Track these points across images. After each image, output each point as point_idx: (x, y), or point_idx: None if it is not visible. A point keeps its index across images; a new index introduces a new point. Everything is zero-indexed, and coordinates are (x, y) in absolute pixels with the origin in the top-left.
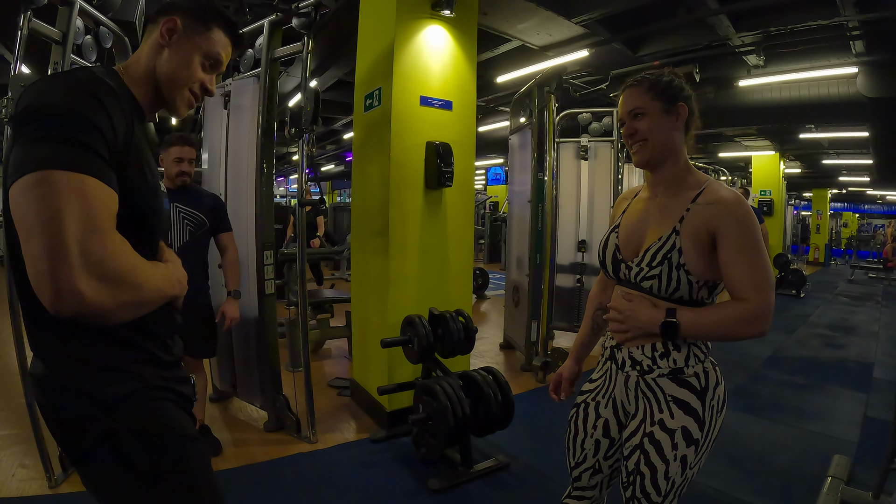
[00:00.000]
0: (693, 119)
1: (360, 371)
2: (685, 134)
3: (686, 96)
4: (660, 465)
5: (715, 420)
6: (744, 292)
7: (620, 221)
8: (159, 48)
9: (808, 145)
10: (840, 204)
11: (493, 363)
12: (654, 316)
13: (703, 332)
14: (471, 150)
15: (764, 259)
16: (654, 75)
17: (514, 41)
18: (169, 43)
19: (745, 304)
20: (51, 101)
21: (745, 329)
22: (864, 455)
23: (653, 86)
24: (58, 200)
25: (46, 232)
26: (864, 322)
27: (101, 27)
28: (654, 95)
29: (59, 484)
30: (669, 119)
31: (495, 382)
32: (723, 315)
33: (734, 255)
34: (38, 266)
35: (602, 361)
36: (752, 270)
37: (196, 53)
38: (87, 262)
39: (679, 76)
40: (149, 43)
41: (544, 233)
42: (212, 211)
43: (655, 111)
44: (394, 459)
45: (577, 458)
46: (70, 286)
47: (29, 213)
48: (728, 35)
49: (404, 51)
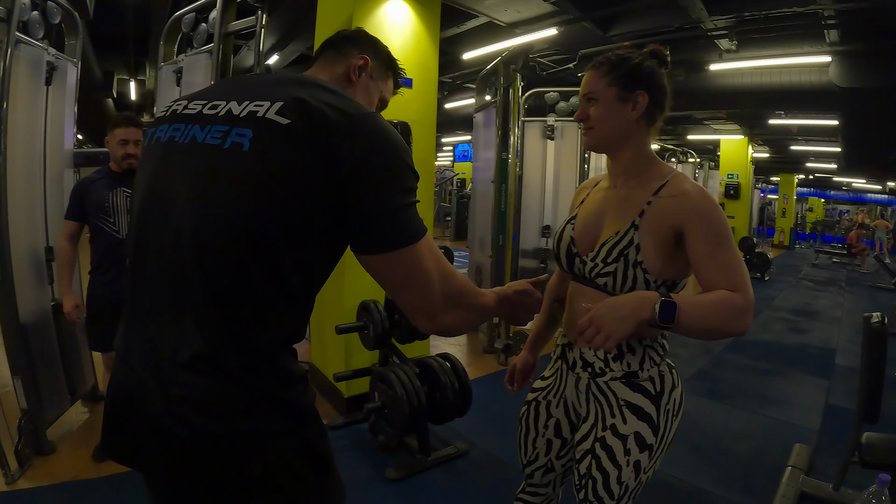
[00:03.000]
0: (659, 109)
1: (318, 355)
2: (650, 123)
3: (651, 83)
4: (612, 471)
5: (670, 424)
6: (728, 285)
7: (577, 212)
8: (346, 82)
9: (777, 131)
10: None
11: (455, 345)
12: (644, 297)
13: (698, 320)
14: (431, 129)
15: (738, 254)
16: (619, 57)
17: (481, 17)
18: (358, 80)
19: (737, 294)
20: (409, 155)
21: (737, 321)
22: (825, 444)
23: (612, 69)
24: (435, 255)
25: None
26: (827, 307)
27: (48, 2)
28: (610, 81)
29: (15, 480)
30: (623, 108)
31: (452, 370)
32: (720, 301)
33: (707, 249)
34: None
35: (553, 359)
36: (730, 263)
37: (377, 96)
38: (447, 300)
39: (649, 60)
40: (336, 71)
41: (507, 214)
42: None
43: (609, 98)
44: (352, 447)
45: (528, 456)
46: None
47: (412, 270)
48: (701, 18)
49: (363, 25)
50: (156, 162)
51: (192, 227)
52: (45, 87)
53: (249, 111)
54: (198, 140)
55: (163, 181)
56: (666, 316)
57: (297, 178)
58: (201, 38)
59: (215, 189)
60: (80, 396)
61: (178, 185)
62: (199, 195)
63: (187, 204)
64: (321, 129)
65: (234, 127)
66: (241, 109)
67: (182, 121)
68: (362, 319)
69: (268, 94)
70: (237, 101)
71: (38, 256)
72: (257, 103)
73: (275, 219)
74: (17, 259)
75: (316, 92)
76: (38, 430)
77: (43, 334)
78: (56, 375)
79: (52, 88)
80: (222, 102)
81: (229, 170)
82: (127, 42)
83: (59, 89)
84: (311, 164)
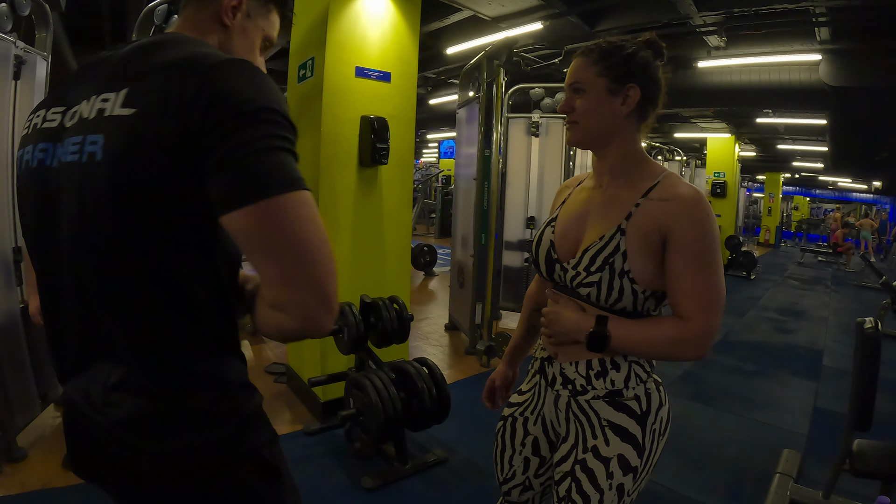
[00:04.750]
0: (651, 104)
1: (295, 358)
2: (641, 119)
3: (644, 76)
4: (593, 494)
5: (657, 444)
6: (688, 311)
7: (558, 214)
8: (220, 26)
9: (764, 130)
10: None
11: (437, 345)
12: (580, 323)
13: (635, 349)
14: (410, 124)
15: (718, 274)
16: (611, 45)
17: (465, 10)
18: (233, 23)
19: (688, 324)
20: (280, 102)
21: (682, 352)
22: (814, 449)
23: (603, 58)
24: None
25: (314, 259)
26: (813, 307)
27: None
28: (600, 70)
29: None
30: (613, 101)
31: (430, 376)
32: (661, 333)
33: (684, 264)
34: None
35: (531, 373)
36: (703, 287)
37: (259, 36)
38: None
39: (644, 51)
40: (203, 16)
41: (490, 212)
42: None
43: (598, 89)
44: (327, 454)
45: (505, 474)
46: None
47: (296, 234)
48: (690, 14)
49: (339, 17)
50: (32, 198)
51: (79, 262)
52: (14, 82)
53: (98, 109)
54: (63, 160)
55: (43, 217)
56: (593, 347)
57: (160, 180)
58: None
59: (86, 213)
60: (51, 401)
61: (57, 217)
62: (76, 225)
63: (70, 236)
64: (172, 107)
65: (86, 135)
66: (91, 109)
67: (45, 138)
68: (337, 323)
69: (116, 79)
70: (87, 98)
71: (5, 257)
72: (104, 96)
73: (148, 229)
74: None
75: (169, 54)
76: (7, 436)
77: (11, 338)
78: (26, 380)
79: (21, 83)
80: (77, 105)
81: (91, 188)
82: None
83: (27, 83)
84: (169, 157)
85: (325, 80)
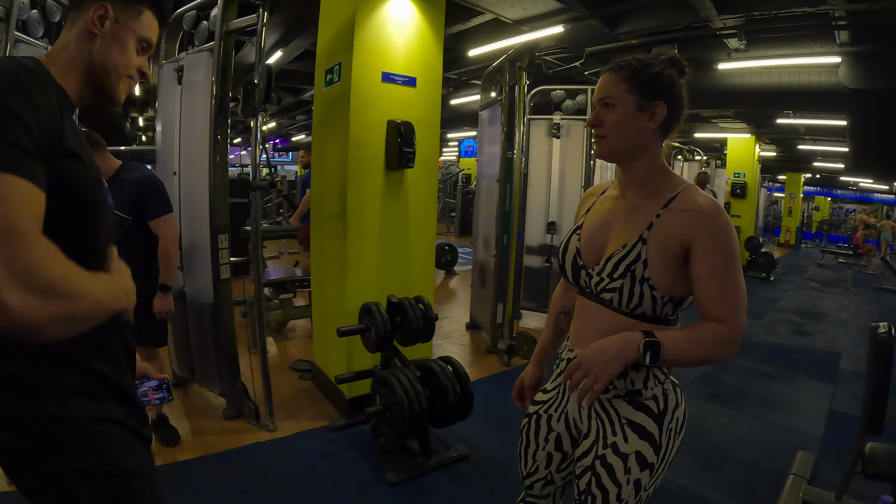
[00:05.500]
0: (676, 120)
1: (321, 355)
2: (665, 134)
3: (671, 94)
4: (612, 488)
5: (673, 442)
6: (719, 313)
7: (583, 222)
8: (90, 36)
9: (784, 130)
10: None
11: (458, 344)
12: (627, 338)
13: (682, 355)
14: (435, 129)
15: (740, 277)
16: (640, 63)
17: (487, 14)
18: (102, 31)
19: (724, 325)
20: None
21: (722, 352)
22: (828, 451)
23: (633, 75)
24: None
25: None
26: (832, 309)
27: (47, 1)
28: (630, 87)
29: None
30: (641, 117)
31: (454, 374)
32: (702, 335)
33: (711, 270)
34: None
35: (557, 373)
36: (729, 290)
37: (131, 39)
38: (12, 272)
39: (670, 69)
40: (75, 30)
41: (511, 214)
42: (133, 201)
43: (627, 105)
44: (353, 449)
45: (528, 468)
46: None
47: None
48: (710, 17)
49: (366, 24)
50: None
51: None
52: None
53: None
54: None
55: None
56: (653, 357)
57: None
58: (202, 36)
59: None
60: None
61: None
62: None
63: None
64: None
65: None
66: None
67: None
68: (364, 322)
69: None
70: None
71: None
72: None
73: None
74: None
75: None
76: None
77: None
78: None
79: None
80: None
81: None
82: None
83: None
84: None
85: (352, 85)
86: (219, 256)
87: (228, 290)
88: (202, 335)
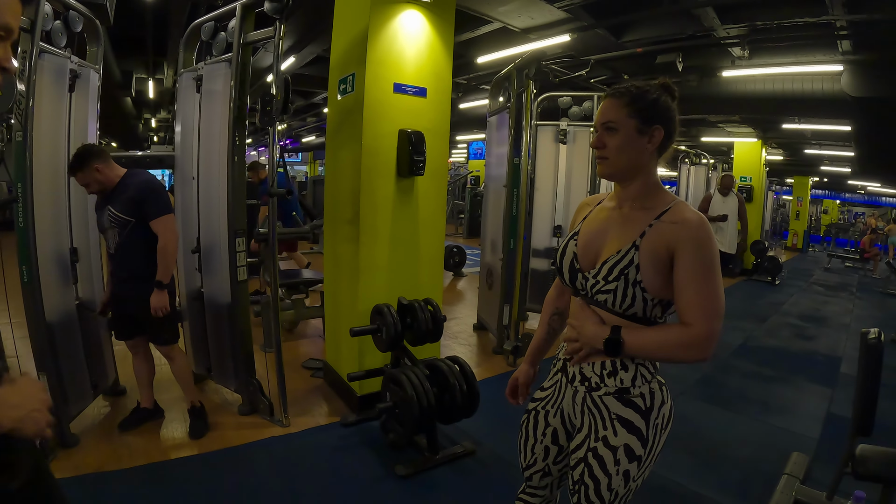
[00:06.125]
0: (670, 141)
1: (333, 354)
2: (661, 153)
3: (667, 118)
4: (602, 478)
5: (659, 437)
6: (691, 317)
7: (580, 229)
8: None
9: (790, 135)
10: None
11: (466, 344)
12: (598, 332)
13: (645, 352)
14: (444, 137)
15: (717, 286)
16: (639, 90)
17: (495, 23)
18: None
19: (690, 329)
20: None
21: (686, 353)
22: (823, 453)
23: (633, 101)
24: None
25: None
26: (836, 313)
27: (70, 11)
28: (631, 112)
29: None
30: (640, 140)
31: (461, 373)
32: (667, 337)
33: (688, 277)
34: None
35: (554, 371)
36: (703, 296)
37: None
38: None
39: (664, 95)
40: None
41: (518, 218)
42: (136, 204)
43: (629, 129)
44: (363, 444)
45: (527, 461)
46: None
47: None
48: (713, 26)
49: (379, 36)
50: None
51: None
52: (69, 94)
53: None
54: None
55: None
56: (610, 352)
57: None
58: (220, 47)
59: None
60: (101, 391)
61: None
62: None
63: None
64: None
65: None
66: None
67: None
68: (376, 322)
69: None
70: None
71: (63, 257)
72: None
73: None
74: (43, 259)
75: None
76: (62, 423)
77: (67, 332)
78: (79, 372)
79: (76, 95)
80: None
81: None
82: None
83: (81, 95)
84: None
85: (365, 95)
86: (236, 258)
87: (245, 291)
88: (219, 334)
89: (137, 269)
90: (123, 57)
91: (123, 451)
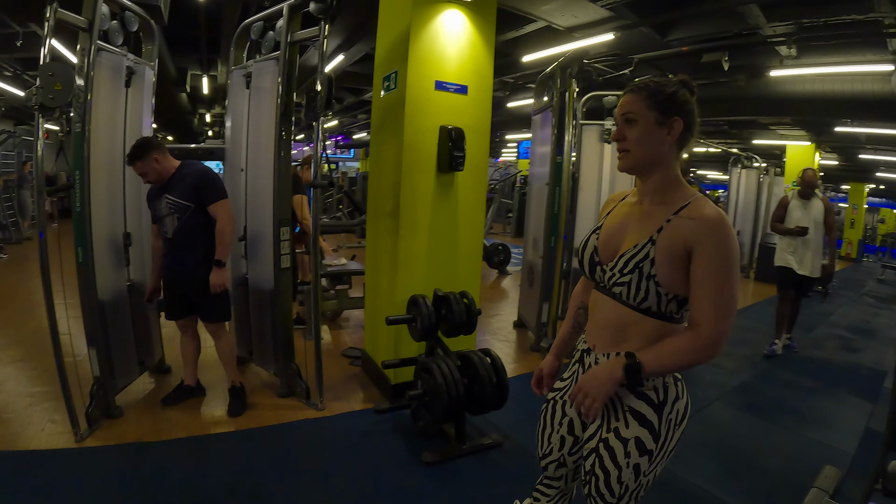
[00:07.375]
0: (690, 134)
1: (371, 343)
2: (679, 148)
3: (686, 111)
4: (612, 470)
5: (672, 433)
6: (701, 316)
7: (603, 223)
8: None
9: (844, 138)
10: (879, 199)
11: (504, 341)
12: (612, 365)
13: (664, 367)
14: (485, 134)
15: (732, 285)
16: (657, 84)
17: (539, 21)
18: None
19: (699, 331)
20: None
21: (699, 357)
22: (858, 468)
23: (652, 94)
24: None
25: None
26: (885, 326)
27: (126, 11)
28: (650, 104)
29: (84, 438)
30: (660, 131)
31: (492, 365)
32: (680, 345)
33: (703, 275)
34: None
35: (572, 362)
36: (716, 296)
37: None
38: None
39: (682, 89)
40: None
41: (560, 216)
42: (194, 191)
43: (648, 121)
44: (394, 430)
45: (544, 450)
46: None
47: None
48: (759, 24)
49: (420, 35)
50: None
51: None
52: (125, 90)
53: None
54: None
55: None
56: (634, 379)
57: None
58: (269, 45)
59: None
60: (147, 368)
61: None
62: None
63: None
64: None
65: None
66: None
67: None
68: (411, 313)
69: None
70: None
71: (116, 240)
72: None
73: None
74: (98, 242)
75: None
76: (107, 395)
77: (118, 311)
78: (128, 348)
79: (131, 90)
80: None
81: None
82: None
83: (137, 90)
84: None
85: (407, 92)
86: (280, 247)
87: (288, 278)
88: (261, 319)
89: (195, 251)
90: (179, 55)
91: (164, 424)
